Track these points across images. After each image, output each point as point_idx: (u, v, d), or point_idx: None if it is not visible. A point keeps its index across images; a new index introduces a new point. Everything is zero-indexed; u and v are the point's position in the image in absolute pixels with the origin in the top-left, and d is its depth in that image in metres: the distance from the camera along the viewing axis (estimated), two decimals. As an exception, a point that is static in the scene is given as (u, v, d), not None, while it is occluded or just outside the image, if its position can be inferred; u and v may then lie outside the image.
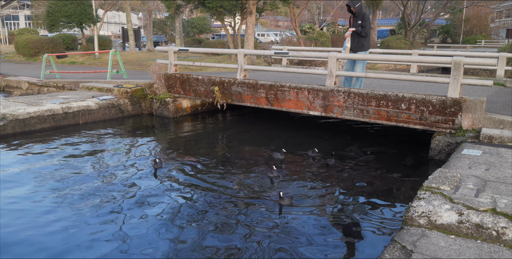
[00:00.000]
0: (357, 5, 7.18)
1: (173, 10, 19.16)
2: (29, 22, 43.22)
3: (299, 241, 3.76)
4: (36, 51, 19.70)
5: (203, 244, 3.67)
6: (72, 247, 3.59)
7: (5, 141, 6.86)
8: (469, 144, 5.37)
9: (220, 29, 45.30)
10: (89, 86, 10.00)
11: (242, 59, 8.17)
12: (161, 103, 9.22)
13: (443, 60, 6.58)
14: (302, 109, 7.41)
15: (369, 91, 6.64)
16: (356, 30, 7.24)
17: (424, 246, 2.94)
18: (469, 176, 4.05)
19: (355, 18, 7.34)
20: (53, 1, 21.28)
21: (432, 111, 6.11)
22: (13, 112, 7.43)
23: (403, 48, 20.29)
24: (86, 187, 4.94)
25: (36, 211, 4.30)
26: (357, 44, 7.38)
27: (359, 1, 7.20)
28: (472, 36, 33.73)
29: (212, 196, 4.77)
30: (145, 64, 15.85)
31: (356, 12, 7.24)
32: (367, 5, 28.92)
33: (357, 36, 7.34)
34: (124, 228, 3.94)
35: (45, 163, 5.83)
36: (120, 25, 46.44)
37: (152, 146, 6.93)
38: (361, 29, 7.21)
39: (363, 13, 7.29)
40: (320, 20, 45.43)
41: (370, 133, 8.11)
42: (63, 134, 7.44)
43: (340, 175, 5.58)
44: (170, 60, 9.30)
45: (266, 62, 14.88)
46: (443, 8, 30.01)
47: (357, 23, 7.27)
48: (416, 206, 3.42)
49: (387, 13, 62.72)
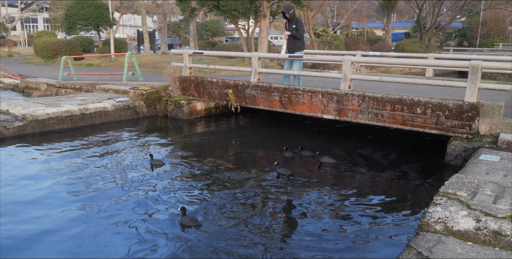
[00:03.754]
0: (291, 11, 8.05)
1: (187, 13, 19.35)
2: (47, 25, 44.12)
3: (312, 244, 3.75)
4: (54, 53, 20.10)
5: (214, 244, 3.69)
6: (84, 244, 3.66)
7: (25, 141, 7.01)
8: (486, 150, 5.30)
9: (233, 32, 45.54)
10: (106, 88, 10.16)
11: (256, 62, 8.21)
12: (176, 105, 9.31)
13: (460, 64, 6.50)
14: (316, 112, 7.40)
15: (384, 95, 6.60)
16: (292, 33, 8.09)
17: (441, 252, 2.91)
18: (486, 182, 4.00)
19: (290, 23, 8.17)
20: (71, 4, 21.70)
21: (448, 115, 6.04)
22: (32, 113, 7.59)
23: (418, 52, 20.09)
24: (101, 186, 5.02)
25: (54, 209, 4.39)
26: (293, 46, 8.24)
27: (292, 8, 8.08)
28: (489, 39, 33.18)
29: (227, 196, 4.79)
30: (160, 67, 16.03)
31: (291, 18, 8.08)
32: (382, 8, 28.75)
33: (292, 39, 8.20)
34: (137, 225, 3.99)
35: (63, 163, 5.94)
36: (136, 28, 47.03)
37: (166, 147, 7.01)
38: (296, 32, 8.06)
39: (297, 19, 8.19)
40: (334, 23, 45.27)
41: (382, 138, 8.06)
42: (80, 135, 7.57)
43: (354, 178, 5.56)
44: (185, 63, 9.40)
45: (280, 65, 14.90)
46: (459, 10, 29.60)
47: (292, 27, 8.12)
48: (432, 212, 3.39)
49: (402, 16, 62.17)
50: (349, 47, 23.75)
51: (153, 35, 28.28)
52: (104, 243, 3.73)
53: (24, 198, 4.71)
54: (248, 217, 4.29)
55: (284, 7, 8.14)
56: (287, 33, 8.18)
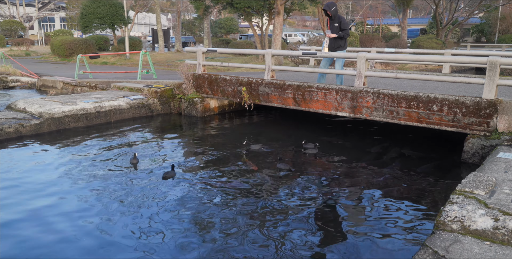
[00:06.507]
0: (333, 8, 7.67)
1: (201, 11, 19.40)
2: (64, 24, 44.81)
3: (325, 243, 3.73)
4: (70, 52, 20.40)
5: (224, 242, 3.70)
6: (97, 241, 3.71)
7: (42, 139, 7.13)
8: (505, 147, 5.18)
9: (247, 29, 45.50)
10: (120, 86, 10.27)
11: (269, 60, 8.18)
12: (189, 103, 9.35)
13: (478, 60, 6.37)
14: (330, 110, 7.34)
15: (399, 92, 6.51)
16: (338, 35, 7.73)
17: (457, 251, 2.86)
18: (505, 180, 3.91)
19: (331, 21, 7.81)
20: (86, 3, 21.97)
21: (465, 112, 5.92)
22: (49, 111, 7.72)
23: (435, 48, 19.77)
24: (116, 183, 5.08)
25: (70, 207, 4.46)
26: (335, 44, 7.88)
27: (334, 5, 7.69)
28: (508, 35, 32.34)
29: (239, 194, 4.80)
30: (174, 65, 16.12)
31: (333, 15, 7.73)
32: (397, 4, 28.33)
33: (335, 38, 7.83)
34: (151, 224, 4.02)
35: (79, 160, 6.02)
36: (150, 26, 47.41)
37: (180, 144, 7.05)
38: (341, 33, 7.71)
39: (339, 16, 7.79)
40: (349, 19, 44.84)
41: (398, 135, 7.95)
42: (96, 133, 7.66)
43: (368, 176, 5.49)
44: (199, 61, 9.42)
45: (293, 62, 14.83)
46: (477, 6, 28.98)
47: (334, 25, 7.77)
48: (448, 211, 3.33)
49: (418, 12, 61.22)
50: (364, 44, 23.46)
51: (168, 33, 28.47)
52: (115, 241, 3.77)
53: (38, 198, 4.79)
54: (258, 218, 4.28)
55: (325, 4, 7.74)
56: (331, 35, 7.79)
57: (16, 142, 6.85)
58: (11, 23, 32.82)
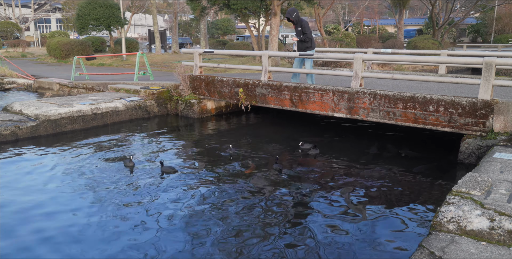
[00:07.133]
0: (294, 14, 8.02)
1: (198, 12, 19.41)
2: (60, 25, 44.69)
3: (322, 243, 3.73)
4: (66, 53, 20.34)
5: (222, 242, 3.70)
6: (93, 241, 3.70)
7: (38, 142, 7.10)
8: (501, 148, 5.20)
9: (244, 30, 45.51)
10: (117, 88, 10.25)
11: (266, 61, 8.19)
12: (186, 105, 9.34)
13: (474, 60, 6.39)
14: (327, 111, 7.35)
15: (396, 92, 6.52)
16: (300, 38, 8.15)
17: (454, 252, 2.87)
18: (501, 180, 3.92)
19: (296, 25, 8.17)
20: (83, 5, 21.92)
21: (461, 113, 5.95)
22: (45, 113, 7.69)
23: (431, 48, 19.82)
24: (112, 186, 5.07)
25: (66, 208, 4.45)
26: (303, 46, 8.23)
27: (295, 11, 8.05)
28: (504, 35, 32.50)
29: (237, 193, 4.80)
30: (171, 66, 16.11)
31: (295, 21, 8.08)
32: (394, 5, 28.41)
33: (300, 40, 8.24)
34: (147, 225, 4.02)
35: (75, 163, 6.00)
36: (147, 27, 47.37)
37: (177, 146, 7.04)
38: (303, 37, 8.10)
39: (301, 20, 8.14)
40: (345, 20, 44.92)
41: (395, 136, 7.97)
42: (93, 135, 7.64)
43: (365, 176, 5.51)
44: (196, 62, 9.42)
45: (290, 63, 14.83)
46: (473, 6, 29.10)
47: (298, 29, 8.16)
48: (445, 211, 3.34)
49: (414, 13, 61.39)
50: (361, 45, 23.51)
51: (164, 35, 28.43)
52: (111, 241, 3.76)
53: (35, 200, 4.77)
54: (255, 215, 4.28)
55: (287, 11, 8.15)
56: (294, 39, 8.40)
57: (12, 145, 6.82)
58: (6, 25, 32.67)
